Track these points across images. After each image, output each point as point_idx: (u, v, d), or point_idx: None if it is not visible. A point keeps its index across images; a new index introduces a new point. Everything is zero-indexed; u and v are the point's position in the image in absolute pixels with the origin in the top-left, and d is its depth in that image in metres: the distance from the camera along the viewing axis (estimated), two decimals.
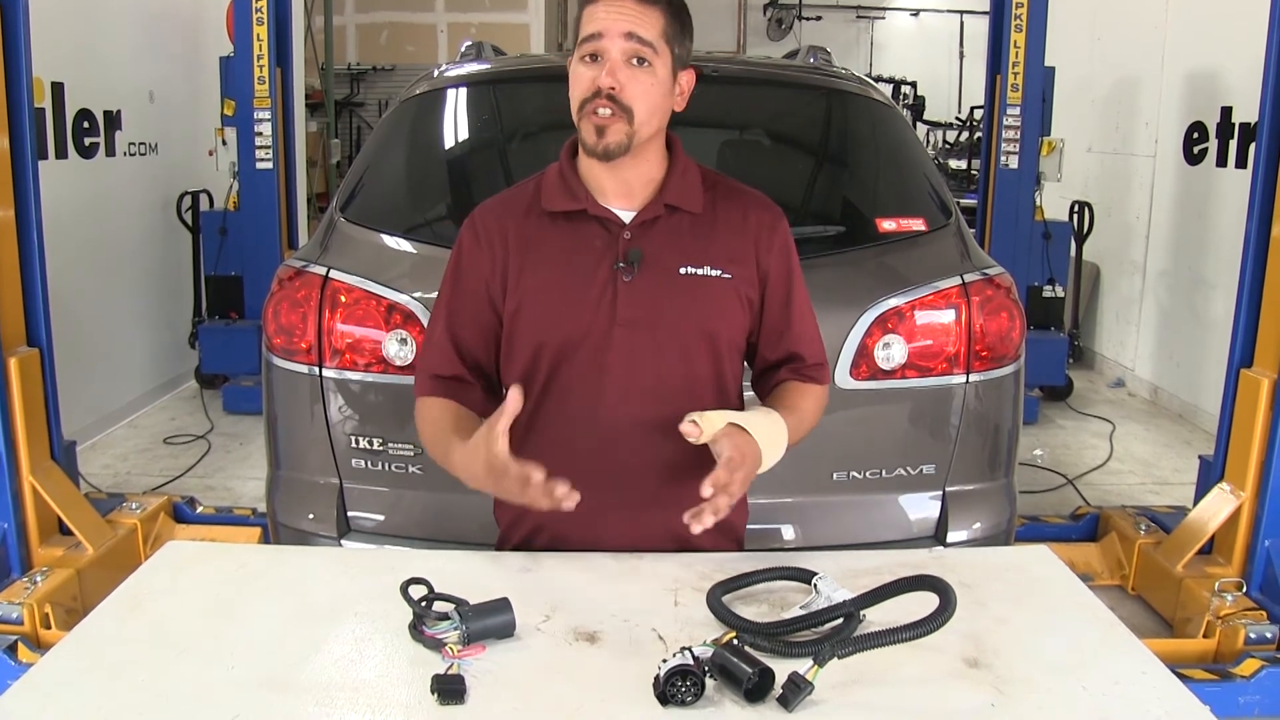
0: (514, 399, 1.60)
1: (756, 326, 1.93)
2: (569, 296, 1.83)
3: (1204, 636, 3.45)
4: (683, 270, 1.84)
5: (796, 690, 1.29)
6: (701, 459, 1.81)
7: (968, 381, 2.74)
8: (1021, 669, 1.39)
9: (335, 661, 1.39)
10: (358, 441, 2.76)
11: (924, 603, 1.39)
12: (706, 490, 1.59)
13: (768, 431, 1.76)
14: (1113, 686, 1.35)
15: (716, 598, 1.55)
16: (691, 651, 1.31)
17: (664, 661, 1.30)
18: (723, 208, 1.90)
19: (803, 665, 1.32)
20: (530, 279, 1.85)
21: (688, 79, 1.85)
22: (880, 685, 1.32)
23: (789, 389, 1.92)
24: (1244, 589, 3.57)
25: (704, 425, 1.69)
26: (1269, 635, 3.37)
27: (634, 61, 1.75)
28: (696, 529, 1.61)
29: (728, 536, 1.96)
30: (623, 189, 1.85)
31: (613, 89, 1.73)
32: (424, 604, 1.46)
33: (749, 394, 2.01)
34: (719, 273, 1.85)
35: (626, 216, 1.85)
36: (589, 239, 1.85)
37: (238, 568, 1.67)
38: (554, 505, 1.58)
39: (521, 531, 1.95)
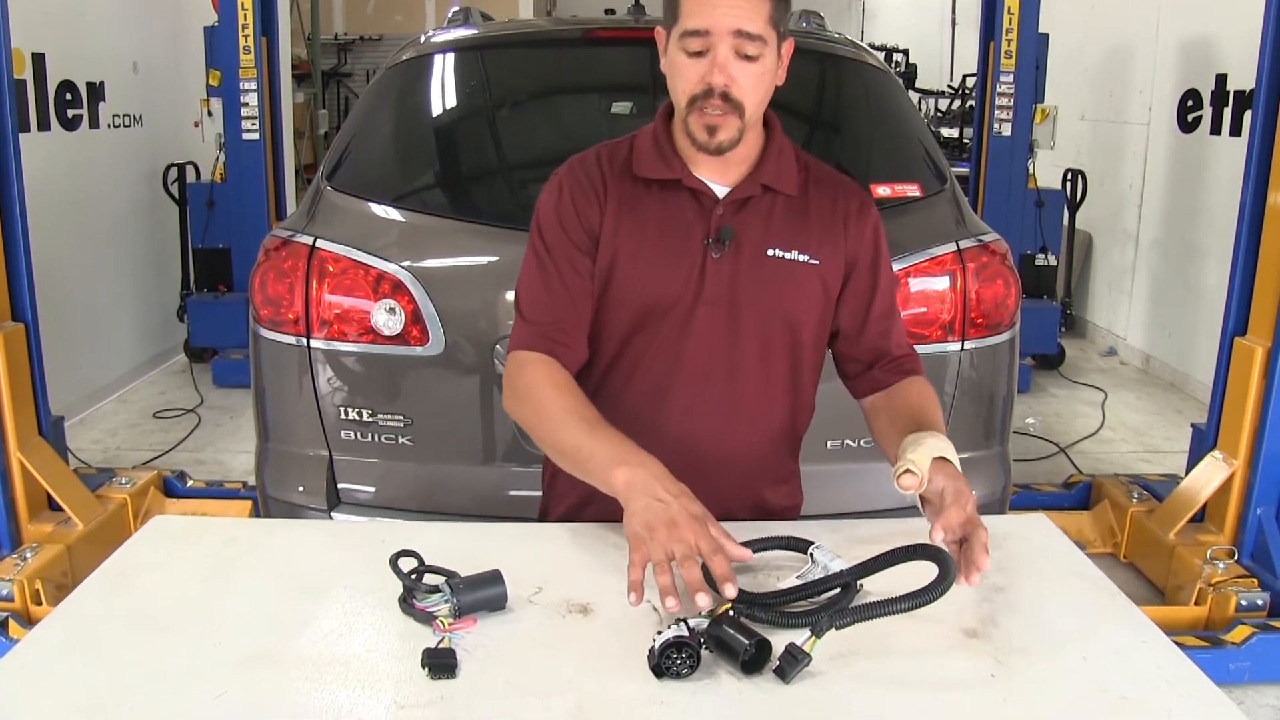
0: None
1: (838, 316, 1.86)
2: (658, 266, 1.77)
3: (1195, 604, 3.48)
4: (770, 253, 1.78)
5: (794, 662, 1.27)
6: (765, 441, 1.84)
7: (963, 349, 2.73)
8: (1020, 639, 1.37)
9: (324, 636, 1.36)
10: (347, 413, 2.74)
11: (922, 572, 1.38)
12: (939, 537, 1.46)
13: (954, 455, 1.62)
14: (1113, 656, 1.33)
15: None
16: (686, 623, 1.29)
17: (659, 634, 1.28)
18: (815, 191, 1.83)
19: (799, 636, 1.30)
20: (624, 240, 1.78)
21: (788, 48, 1.76)
22: (878, 656, 1.30)
23: (913, 401, 1.81)
24: (1235, 557, 3.60)
25: (918, 469, 1.53)
26: (1260, 602, 3.39)
27: (743, 56, 1.67)
28: (976, 581, 1.46)
29: (790, 513, 1.96)
30: (718, 163, 1.77)
31: (726, 87, 1.66)
32: (414, 577, 1.44)
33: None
34: (807, 258, 1.79)
35: (720, 191, 1.78)
36: (681, 209, 1.78)
37: (225, 542, 1.64)
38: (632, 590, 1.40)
39: (569, 501, 1.91)
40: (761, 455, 1.88)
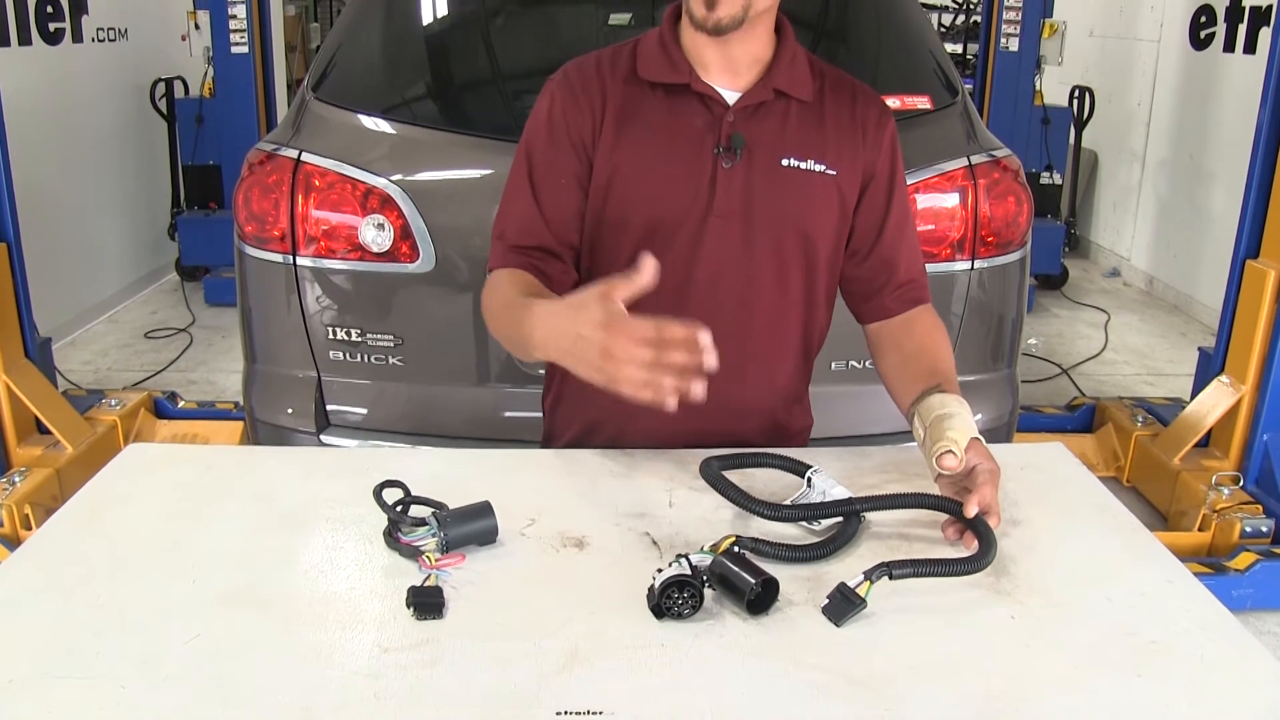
0: (649, 269, 1.30)
1: (850, 231, 1.75)
2: (665, 177, 1.66)
3: (1199, 530, 3.48)
4: (785, 162, 1.67)
5: (848, 605, 1.20)
6: (779, 361, 1.77)
7: (972, 268, 2.65)
8: (1041, 579, 1.30)
9: (304, 573, 1.29)
10: (335, 333, 2.67)
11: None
12: (973, 510, 1.37)
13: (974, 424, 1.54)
14: (1139, 597, 1.26)
15: (715, 471, 1.45)
16: (689, 560, 1.22)
17: (659, 571, 1.21)
18: (831, 98, 1.72)
19: (804, 572, 1.23)
20: (625, 151, 1.66)
21: None
22: (889, 597, 1.23)
23: (925, 344, 1.72)
24: (1240, 483, 3.58)
25: (959, 450, 1.44)
26: (1264, 529, 3.39)
27: None
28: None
29: (803, 435, 1.90)
30: (728, 65, 1.66)
31: None
32: (400, 509, 1.36)
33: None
34: (823, 168, 1.68)
35: (730, 97, 1.66)
36: (689, 116, 1.67)
37: (202, 472, 1.56)
38: (683, 386, 1.24)
39: (573, 431, 1.83)
40: (776, 377, 1.80)
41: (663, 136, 1.67)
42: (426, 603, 1.20)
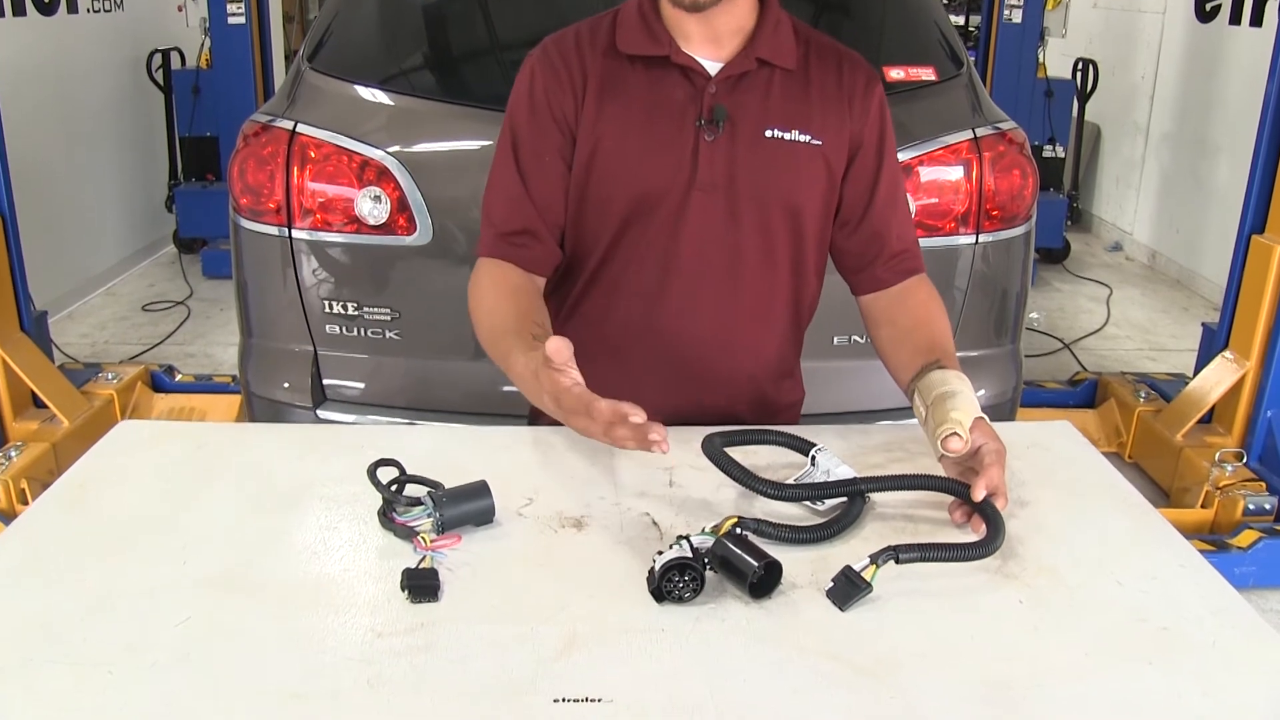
0: (556, 349, 1.28)
1: (838, 202, 1.72)
2: (646, 152, 1.63)
3: (1202, 506, 3.46)
4: (768, 133, 1.63)
5: (853, 589, 1.17)
6: (768, 336, 1.74)
7: (976, 242, 2.62)
8: (1050, 561, 1.27)
9: (297, 554, 1.26)
10: (331, 306, 2.65)
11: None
12: (980, 494, 1.34)
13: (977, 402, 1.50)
14: (1150, 582, 1.23)
15: (717, 447, 1.42)
16: (690, 542, 1.19)
17: (659, 554, 1.18)
18: (816, 66, 1.67)
19: (806, 554, 1.21)
20: (607, 125, 1.63)
21: None
22: (894, 580, 1.20)
23: (921, 317, 1.68)
24: (1244, 459, 3.57)
25: (964, 432, 1.40)
26: (1268, 506, 3.38)
27: None
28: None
29: (793, 410, 1.87)
30: (709, 35, 1.62)
31: None
32: (394, 488, 1.33)
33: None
34: (808, 138, 1.64)
35: (712, 68, 1.62)
36: (669, 89, 1.63)
37: (194, 450, 1.53)
38: (641, 447, 1.20)
39: None
40: (764, 351, 1.77)
41: (644, 110, 1.63)
42: (421, 585, 1.17)
